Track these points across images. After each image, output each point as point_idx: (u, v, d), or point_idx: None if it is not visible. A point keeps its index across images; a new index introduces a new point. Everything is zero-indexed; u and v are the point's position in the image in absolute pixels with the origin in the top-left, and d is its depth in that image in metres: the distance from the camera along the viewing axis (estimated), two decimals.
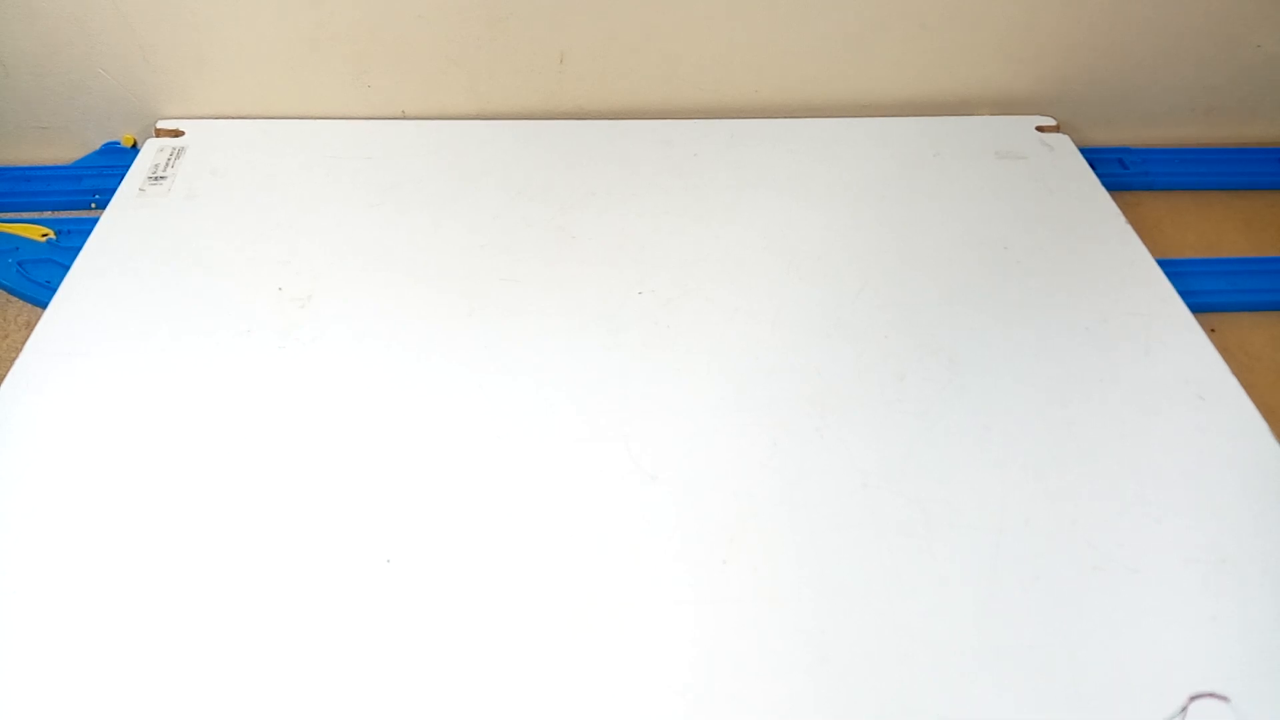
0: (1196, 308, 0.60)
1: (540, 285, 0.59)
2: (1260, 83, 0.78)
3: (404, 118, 0.74)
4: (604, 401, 0.52)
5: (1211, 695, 0.39)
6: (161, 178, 0.66)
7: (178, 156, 0.68)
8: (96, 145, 0.74)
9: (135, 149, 0.73)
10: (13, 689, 0.40)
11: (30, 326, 0.57)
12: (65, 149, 0.74)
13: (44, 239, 0.66)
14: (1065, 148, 0.73)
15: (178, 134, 0.71)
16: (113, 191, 0.65)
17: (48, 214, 0.70)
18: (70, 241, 0.65)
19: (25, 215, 0.69)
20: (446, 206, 0.65)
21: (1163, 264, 0.63)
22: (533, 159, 0.69)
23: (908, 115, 0.75)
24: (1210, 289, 0.66)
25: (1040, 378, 0.55)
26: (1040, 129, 0.74)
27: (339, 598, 0.44)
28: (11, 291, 0.63)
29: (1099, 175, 0.70)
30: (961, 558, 0.46)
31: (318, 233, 0.62)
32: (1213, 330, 0.60)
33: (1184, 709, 0.40)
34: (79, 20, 0.67)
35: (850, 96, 0.76)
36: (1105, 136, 0.79)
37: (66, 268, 0.59)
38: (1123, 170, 0.76)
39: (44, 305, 0.57)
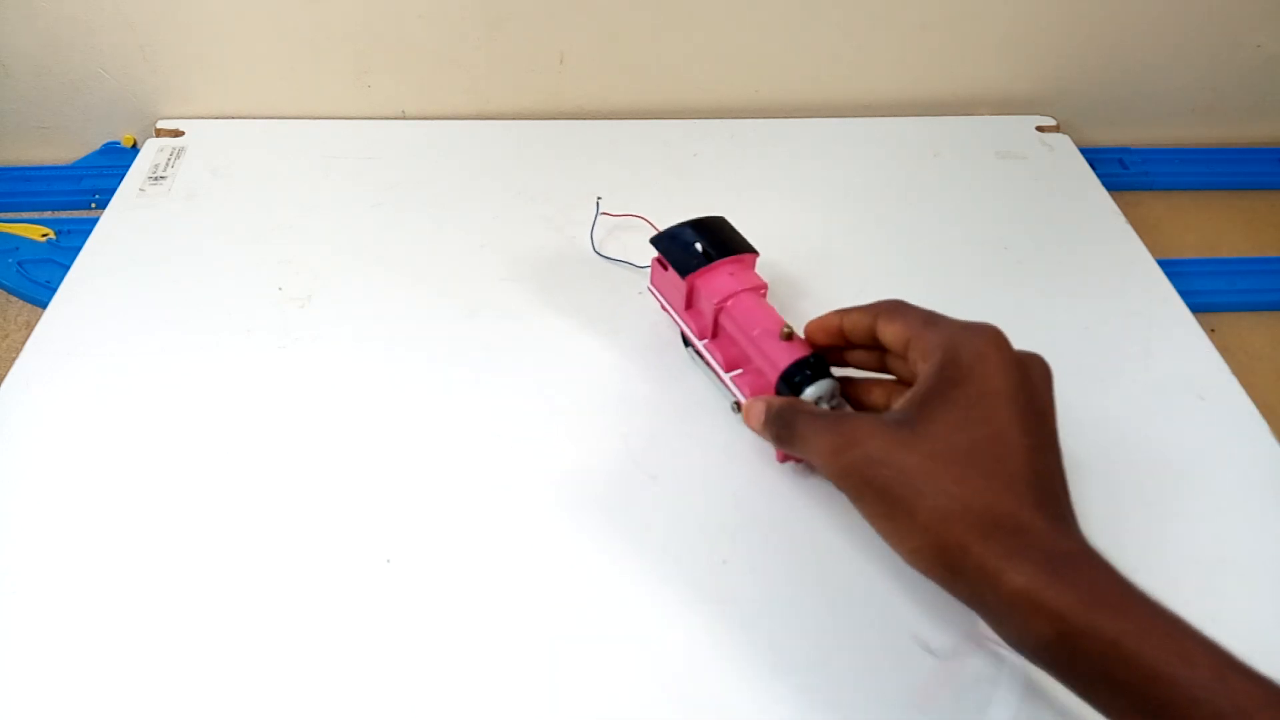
0: (1196, 308, 0.60)
1: (540, 285, 0.59)
2: (1261, 82, 0.78)
3: (404, 118, 0.74)
4: (604, 401, 0.52)
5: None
6: (162, 178, 0.66)
7: (178, 156, 0.68)
8: (96, 145, 0.74)
9: (135, 149, 0.73)
10: (13, 689, 0.40)
11: (30, 326, 0.57)
12: (65, 149, 0.74)
13: (44, 239, 0.66)
14: (1065, 148, 0.73)
15: (178, 134, 0.71)
16: (113, 191, 0.65)
17: (48, 214, 0.70)
18: (70, 241, 0.65)
19: (25, 215, 0.69)
20: (447, 206, 0.65)
21: (1163, 264, 0.63)
22: (533, 159, 0.70)
23: (907, 115, 0.75)
24: (1210, 289, 0.66)
25: None
26: (1040, 129, 0.75)
27: (339, 598, 0.44)
28: (11, 291, 0.63)
29: (1099, 175, 0.70)
30: None
31: (318, 233, 0.62)
32: (1213, 330, 0.60)
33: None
34: (79, 20, 0.67)
35: (850, 96, 0.76)
36: (1105, 136, 0.79)
37: (66, 267, 0.59)
38: (1123, 170, 0.76)
39: (44, 305, 0.57)
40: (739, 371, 0.50)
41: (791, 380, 0.47)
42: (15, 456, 0.49)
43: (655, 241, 0.53)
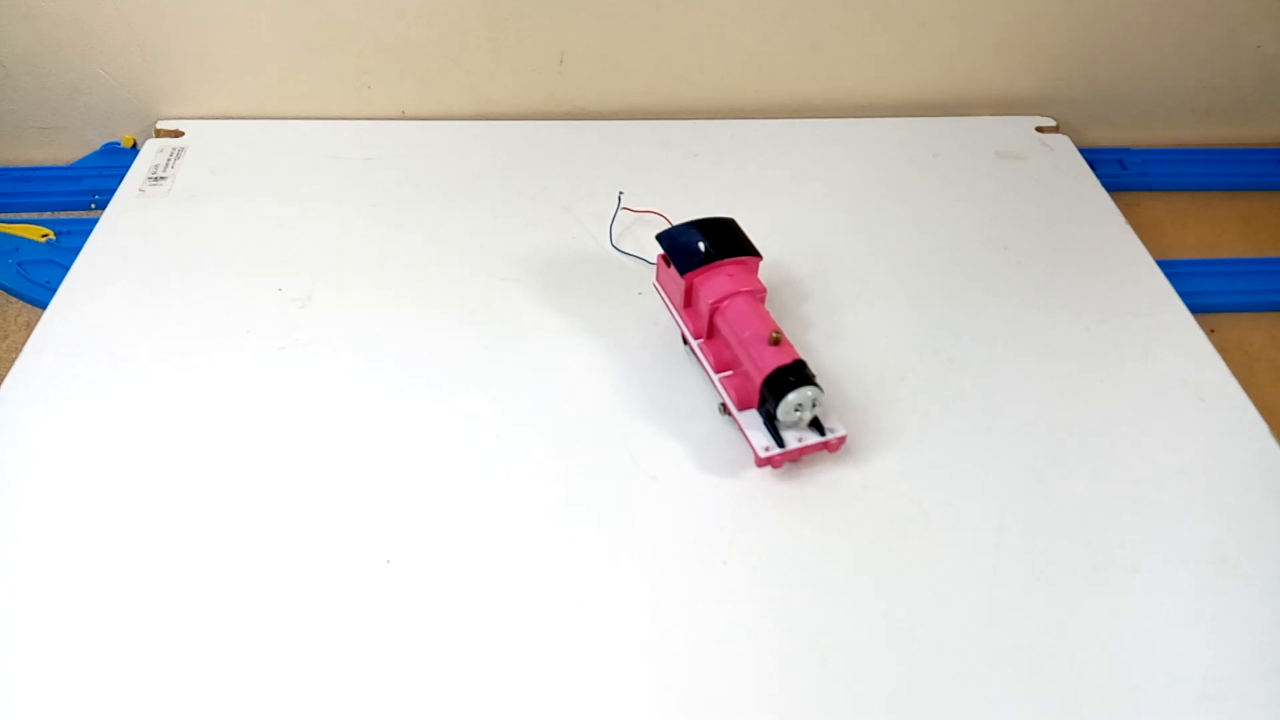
0: (1196, 308, 0.60)
1: (540, 286, 0.59)
2: (1259, 83, 0.78)
3: (404, 118, 0.74)
4: (604, 401, 0.52)
5: None
6: (161, 178, 0.66)
7: (178, 157, 0.68)
8: (96, 146, 0.74)
9: (135, 149, 0.73)
10: (12, 689, 0.40)
11: (30, 327, 0.57)
12: (65, 149, 0.74)
13: (44, 239, 0.66)
14: (1065, 148, 0.73)
15: (178, 134, 0.71)
16: (113, 192, 0.65)
17: (48, 214, 0.70)
18: (70, 242, 0.65)
19: (25, 216, 0.69)
20: (446, 207, 0.65)
21: (1162, 264, 0.63)
22: (532, 159, 0.69)
23: (907, 116, 0.75)
24: (1210, 289, 0.66)
25: (1040, 378, 0.55)
26: (1040, 129, 0.74)
27: (339, 598, 0.43)
28: (11, 292, 0.63)
29: (1098, 176, 0.70)
30: (961, 559, 0.46)
31: (317, 233, 0.62)
32: (1212, 331, 0.60)
33: None
34: (79, 20, 0.67)
35: (850, 97, 0.76)
36: (1105, 137, 0.79)
37: (66, 268, 0.59)
38: (1122, 171, 0.76)
39: (44, 306, 0.57)
40: (729, 373, 0.51)
41: (774, 385, 0.47)
42: (15, 456, 0.49)
43: (661, 238, 0.54)
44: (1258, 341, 0.64)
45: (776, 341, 0.48)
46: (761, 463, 0.48)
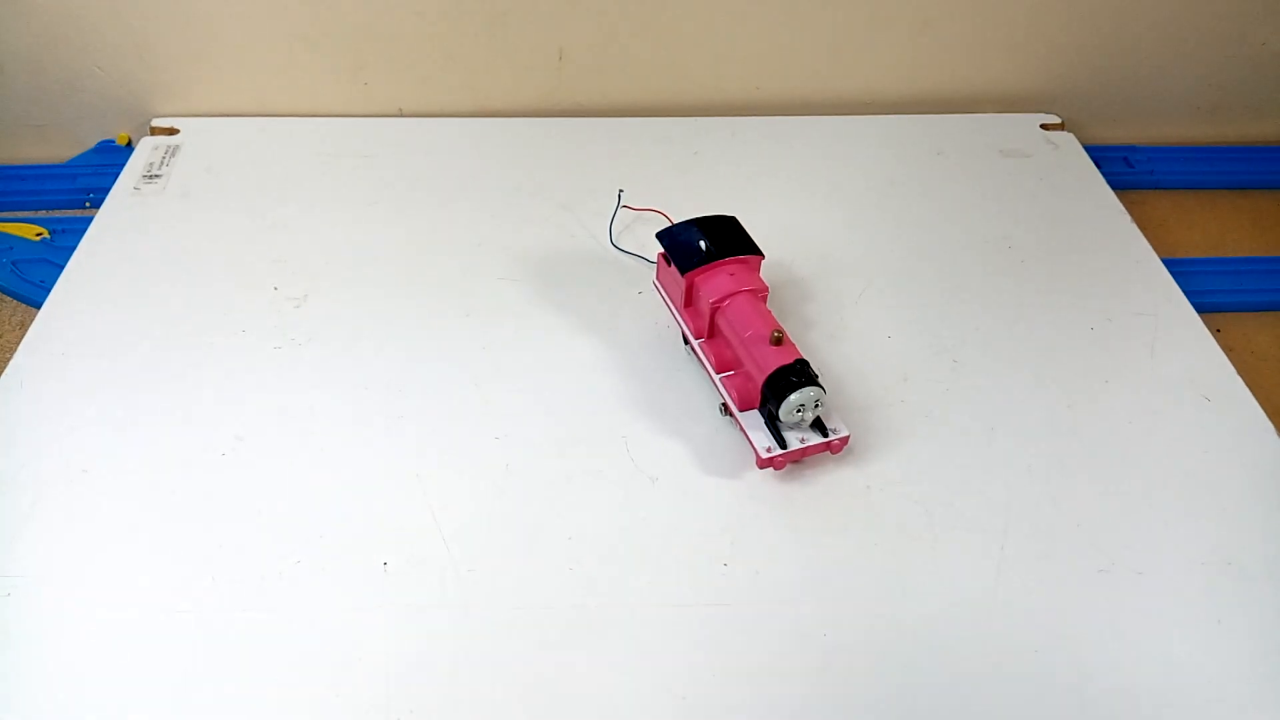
0: (1202, 308, 0.59)
1: (539, 285, 0.59)
2: (1267, 81, 0.77)
3: (401, 115, 0.73)
4: (604, 402, 0.52)
5: None
6: (156, 176, 0.66)
7: (173, 155, 0.68)
8: (91, 143, 0.73)
9: (130, 147, 0.72)
10: (9, 689, 0.40)
11: (24, 326, 0.56)
12: (60, 147, 0.74)
13: (38, 238, 0.66)
14: (1070, 146, 0.72)
15: (173, 132, 0.70)
16: (107, 190, 0.65)
17: (42, 213, 0.69)
18: (64, 241, 0.65)
19: (19, 214, 0.68)
20: (444, 205, 0.65)
21: (1168, 263, 0.62)
22: (531, 157, 0.69)
23: (911, 113, 0.75)
24: (1216, 289, 0.65)
25: (1045, 378, 0.54)
26: (1045, 127, 0.74)
27: (336, 601, 0.43)
28: (5, 291, 0.63)
29: (1104, 174, 0.70)
30: (965, 561, 0.46)
31: (314, 232, 0.62)
32: (1218, 330, 0.59)
33: None
34: (74, 17, 0.67)
35: (853, 94, 0.75)
36: (1110, 134, 0.79)
37: (61, 267, 0.59)
38: (1128, 169, 0.76)
39: (38, 305, 0.57)
40: (730, 373, 0.50)
41: (776, 385, 0.46)
42: (10, 457, 0.48)
43: (661, 237, 0.53)
44: (1264, 341, 0.63)
45: (778, 341, 0.48)
46: (763, 464, 0.48)
